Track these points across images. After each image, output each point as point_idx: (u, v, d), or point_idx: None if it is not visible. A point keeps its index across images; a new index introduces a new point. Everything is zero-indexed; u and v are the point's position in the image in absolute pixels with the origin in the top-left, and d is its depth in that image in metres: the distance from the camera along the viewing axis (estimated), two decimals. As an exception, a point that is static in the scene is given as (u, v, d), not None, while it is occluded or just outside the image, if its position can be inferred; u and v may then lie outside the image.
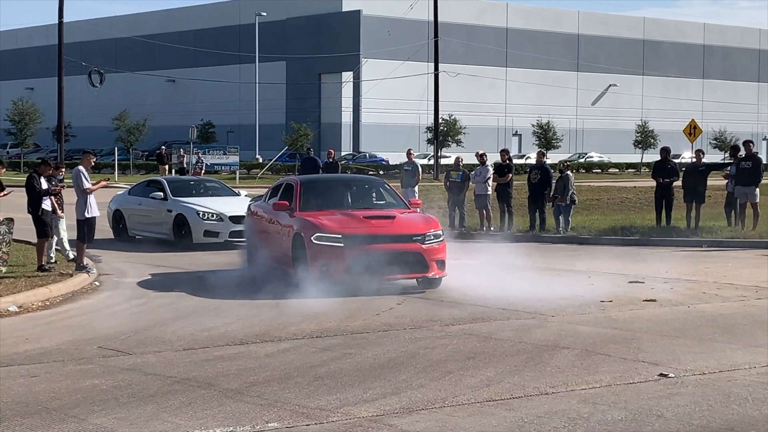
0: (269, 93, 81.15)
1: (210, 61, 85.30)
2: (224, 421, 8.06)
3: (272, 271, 15.84)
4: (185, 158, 51.56)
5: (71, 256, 18.19)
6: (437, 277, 15.29)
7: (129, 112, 69.94)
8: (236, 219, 21.43)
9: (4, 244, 16.80)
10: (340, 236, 14.94)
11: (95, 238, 17.78)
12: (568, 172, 24.05)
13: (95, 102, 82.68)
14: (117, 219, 23.92)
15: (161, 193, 23.18)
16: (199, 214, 22.06)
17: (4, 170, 17.75)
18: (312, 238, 15.02)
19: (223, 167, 57.06)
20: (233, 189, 25.67)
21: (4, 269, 16.56)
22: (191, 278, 16.86)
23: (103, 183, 17.80)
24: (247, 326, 12.41)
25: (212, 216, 22.01)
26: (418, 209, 17.07)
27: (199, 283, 16.07)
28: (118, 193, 26.32)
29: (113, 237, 23.66)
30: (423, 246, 15.15)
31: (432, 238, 15.31)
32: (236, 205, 22.36)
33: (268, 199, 17.46)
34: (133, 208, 23.76)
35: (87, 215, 16.89)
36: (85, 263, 17.08)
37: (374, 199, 17.02)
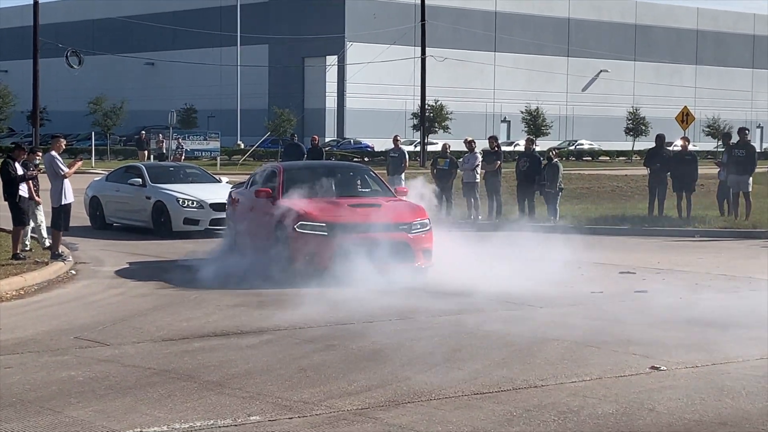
0: (251, 77, 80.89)
1: (190, 44, 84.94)
2: (205, 414, 8.04)
3: (254, 260, 15.81)
4: (164, 144, 51.38)
5: (47, 244, 18.11)
6: (424, 267, 15.27)
7: (105, 96, 69.57)
8: (217, 206, 21.38)
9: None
10: (324, 225, 14.93)
11: (71, 225, 17.69)
12: (557, 160, 24.04)
13: (71, 85, 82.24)
14: (94, 206, 23.83)
15: (140, 180, 23.09)
16: (178, 201, 22.00)
17: None
18: (295, 226, 14.99)
19: (203, 153, 56.90)
20: (214, 175, 25.62)
21: None
22: (171, 267, 16.80)
23: (79, 163, 17.64)
24: (228, 317, 12.39)
25: (192, 203, 21.96)
26: (405, 197, 17.05)
27: (178, 273, 16.00)
28: (95, 179, 26.21)
29: (90, 225, 23.57)
30: (409, 235, 15.15)
31: (419, 227, 15.30)
32: (217, 192, 22.29)
33: (250, 186, 17.39)
34: (110, 195, 23.67)
35: (63, 202, 16.80)
36: (60, 251, 17.00)
37: (359, 186, 16.99)
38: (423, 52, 60.24)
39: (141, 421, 7.86)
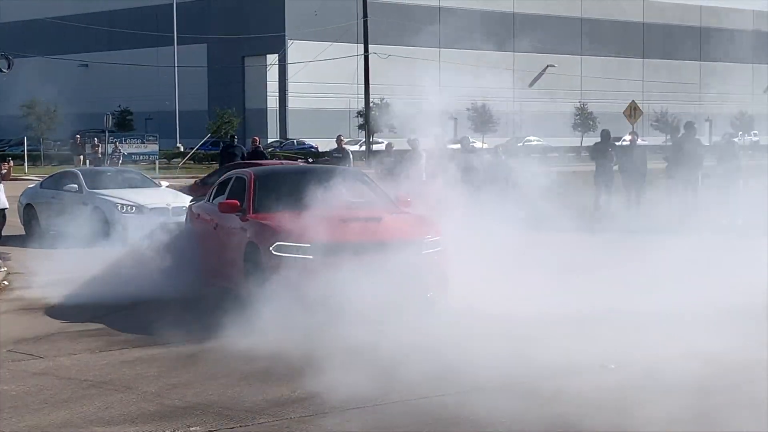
0: (190, 78, 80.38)
1: (126, 44, 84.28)
2: (144, 427, 7.99)
3: (216, 288, 13.76)
4: (100, 148, 50.94)
5: (-22, 254, 17.90)
6: (437, 297, 12.22)
7: (38, 100, 68.82)
8: (157, 211, 21.23)
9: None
10: (308, 245, 12.04)
11: (4, 234, 17.47)
12: (504, 158, 24.15)
13: (2, 88, 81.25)
14: (29, 214, 23.53)
15: (76, 186, 22.85)
16: (117, 207, 21.81)
17: None
18: (271, 248, 12.19)
19: (141, 157, 56.40)
20: (153, 180, 25.45)
21: None
22: (109, 277, 16.58)
23: (8, 165, 17.25)
24: (170, 325, 12.19)
25: (132, 209, 21.79)
26: (409, 208, 13.64)
27: (118, 282, 15.78)
28: (30, 186, 25.91)
29: (25, 233, 23.29)
30: (419, 257, 12.22)
31: (429, 246, 12.44)
32: (157, 196, 22.16)
33: (213, 199, 14.55)
34: (45, 202, 23.37)
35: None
36: (-8, 261, 16.79)
37: (352, 195, 13.55)
38: (366, 50, 60.34)
39: (77, 435, 7.80)
